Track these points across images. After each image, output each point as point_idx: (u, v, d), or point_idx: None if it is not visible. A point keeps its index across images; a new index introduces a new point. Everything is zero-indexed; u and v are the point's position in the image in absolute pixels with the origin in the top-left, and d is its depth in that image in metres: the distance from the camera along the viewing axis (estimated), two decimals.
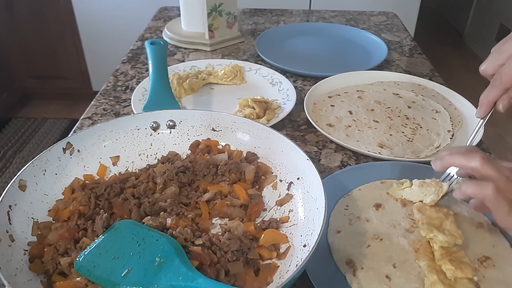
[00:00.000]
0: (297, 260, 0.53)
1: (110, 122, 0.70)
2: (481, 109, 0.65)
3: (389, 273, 0.55)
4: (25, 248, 0.54)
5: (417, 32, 2.38)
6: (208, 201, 0.64)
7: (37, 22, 2.58)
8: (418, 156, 0.78)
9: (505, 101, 0.62)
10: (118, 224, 0.56)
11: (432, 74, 1.13)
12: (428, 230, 0.58)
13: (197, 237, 0.55)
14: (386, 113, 0.91)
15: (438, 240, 0.57)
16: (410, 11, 2.30)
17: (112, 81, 1.07)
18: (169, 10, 1.57)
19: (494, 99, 0.62)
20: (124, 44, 1.54)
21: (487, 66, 0.63)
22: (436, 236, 0.57)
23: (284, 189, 0.65)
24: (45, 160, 0.62)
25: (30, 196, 0.59)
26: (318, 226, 0.52)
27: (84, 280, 0.50)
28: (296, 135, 0.86)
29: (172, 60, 1.19)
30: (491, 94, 0.62)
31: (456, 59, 3.41)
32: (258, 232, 0.58)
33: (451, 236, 0.57)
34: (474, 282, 0.53)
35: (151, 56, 0.88)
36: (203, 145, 0.72)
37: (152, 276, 0.49)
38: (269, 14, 1.55)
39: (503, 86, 0.60)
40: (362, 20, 1.50)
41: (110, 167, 0.69)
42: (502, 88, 0.61)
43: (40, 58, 2.71)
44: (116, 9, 2.43)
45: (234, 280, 0.52)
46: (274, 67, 1.10)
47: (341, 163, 0.79)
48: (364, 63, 1.15)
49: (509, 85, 0.60)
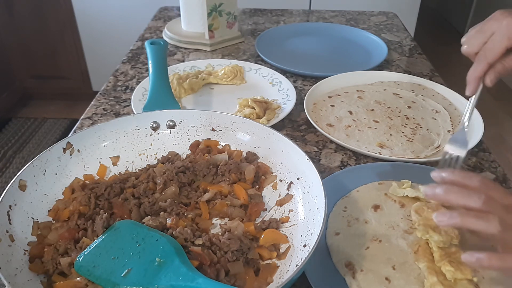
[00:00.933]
0: (297, 260, 0.53)
1: (110, 122, 0.70)
2: (470, 86, 0.67)
3: (389, 275, 0.55)
4: (25, 248, 0.54)
5: (417, 32, 2.38)
6: (208, 201, 0.64)
7: (37, 22, 2.58)
8: (418, 156, 0.78)
9: (492, 76, 0.64)
10: (118, 224, 0.56)
11: (432, 74, 1.13)
12: (423, 231, 0.58)
13: (197, 237, 0.55)
14: (386, 113, 0.91)
15: (434, 241, 0.57)
16: (410, 11, 2.30)
17: (112, 81, 1.07)
18: (169, 10, 1.57)
19: (481, 75, 0.65)
20: (124, 44, 1.54)
21: (470, 45, 0.65)
22: (432, 237, 0.57)
23: (284, 189, 0.65)
24: (45, 160, 0.62)
25: (30, 196, 0.59)
26: (318, 226, 0.52)
27: (84, 280, 0.50)
28: (296, 135, 0.86)
29: (172, 60, 1.19)
30: (477, 70, 0.64)
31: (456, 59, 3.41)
32: (258, 232, 0.58)
33: (447, 236, 0.57)
34: (474, 283, 0.53)
35: (151, 56, 0.88)
36: (203, 145, 0.72)
37: (152, 276, 0.49)
38: (269, 14, 1.55)
39: (487, 61, 0.63)
40: (362, 20, 1.50)
41: (110, 167, 0.69)
42: (486, 63, 0.63)
43: (40, 58, 2.71)
44: (116, 9, 2.43)
45: (234, 280, 0.52)
46: (274, 67, 1.10)
47: (341, 163, 0.79)
48: (364, 63, 1.15)
49: (493, 60, 0.62)
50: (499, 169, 0.78)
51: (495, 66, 0.63)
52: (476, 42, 0.64)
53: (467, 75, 0.66)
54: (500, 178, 0.76)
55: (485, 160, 0.80)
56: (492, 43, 0.62)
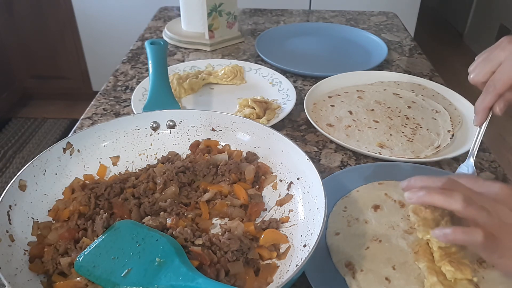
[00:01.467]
0: (297, 260, 0.53)
1: (110, 122, 0.70)
2: (477, 117, 0.66)
3: (389, 275, 0.55)
4: (25, 248, 0.54)
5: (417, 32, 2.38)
6: (208, 201, 0.64)
7: (37, 22, 2.58)
8: (418, 156, 0.78)
9: (501, 104, 0.63)
10: (118, 224, 0.56)
11: (432, 74, 1.13)
12: (424, 232, 0.58)
13: (197, 237, 0.55)
14: (386, 113, 0.91)
15: (435, 240, 0.57)
16: (410, 11, 2.30)
17: (112, 81, 1.07)
18: (169, 10, 1.57)
19: (489, 105, 0.64)
20: (124, 44, 1.54)
21: (477, 74, 0.64)
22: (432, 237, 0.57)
23: (284, 189, 0.65)
24: (45, 160, 0.62)
25: (30, 196, 0.59)
26: (318, 226, 0.52)
27: (84, 280, 0.50)
28: (296, 135, 0.86)
29: (172, 60, 1.19)
30: (485, 101, 0.64)
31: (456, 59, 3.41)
32: (258, 232, 0.58)
33: None
34: (474, 283, 0.53)
35: (151, 56, 0.88)
36: (203, 145, 0.72)
37: (152, 276, 0.49)
38: (269, 14, 1.55)
39: (496, 92, 0.62)
40: (362, 20, 1.50)
41: (110, 167, 0.69)
42: (496, 94, 0.62)
43: (40, 58, 2.71)
44: (116, 9, 2.43)
45: (234, 280, 0.52)
46: (274, 67, 1.10)
47: (341, 163, 0.79)
48: (364, 63, 1.15)
49: (502, 90, 0.61)
50: (499, 169, 0.78)
51: (505, 95, 0.62)
52: (483, 71, 0.63)
53: (475, 105, 0.66)
54: (500, 178, 0.76)
55: (485, 160, 0.80)
56: (500, 74, 0.61)
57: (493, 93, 0.62)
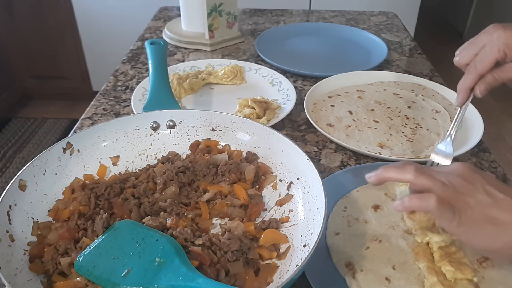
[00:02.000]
0: (297, 260, 0.53)
1: (110, 122, 0.70)
2: (459, 97, 0.68)
3: (389, 275, 0.55)
4: (25, 248, 0.54)
5: (417, 32, 2.38)
6: (208, 201, 0.64)
7: (37, 22, 2.58)
8: (418, 156, 0.78)
9: (482, 87, 0.65)
10: (118, 224, 0.56)
11: (432, 74, 1.13)
12: (422, 235, 0.58)
13: (197, 237, 0.55)
14: (386, 113, 0.91)
15: (435, 241, 0.57)
16: (410, 11, 2.30)
17: (112, 81, 1.07)
18: (169, 10, 1.57)
19: (470, 86, 0.66)
20: (124, 44, 1.54)
21: (461, 57, 0.66)
22: (432, 238, 0.57)
23: (284, 189, 0.65)
24: (45, 160, 0.62)
25: (30, 196, 0.59)
26: (318, 226, 0.52)
27: (84, 280, 0.50)
28: (296, 135, 0.86)
29: (172, 60, 1.19)
30: (467, 81, 0.66)
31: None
32: (258, 232, 0.58)
33: (445, 234, 0.57)
34: (474, 283, 0.53)
35: (151, 56, 0.88)
36: (203, 145, 0.72)
37: (152, 276, 0.49)
38: (269, 14, 1.55)
39: (477, 72, 0.64)
40: (362, 20, 1.50)
41: (110, 167, 0.69)
42: (476, 74, 0.64)
43: (40, 58, 2.71)
44: (116, 9, 2.43)
45: (234, 280, 0.52)
46: (274, 67, 1.10)
47: (341, 163, 0.79)
48: (364, 63, 1.15)
49: (482, 71, 0.63)
50: (499, 169, 0.78)
51: (486, 77, 0.64)
52: (467, 53, 0.65)
53: (457, 85, 0.67)
54: (500, 178, 0.76)
55: (485, 160, 0.80)
56: (482, 54, 0.63)
57: (474, 73, 0.64)
